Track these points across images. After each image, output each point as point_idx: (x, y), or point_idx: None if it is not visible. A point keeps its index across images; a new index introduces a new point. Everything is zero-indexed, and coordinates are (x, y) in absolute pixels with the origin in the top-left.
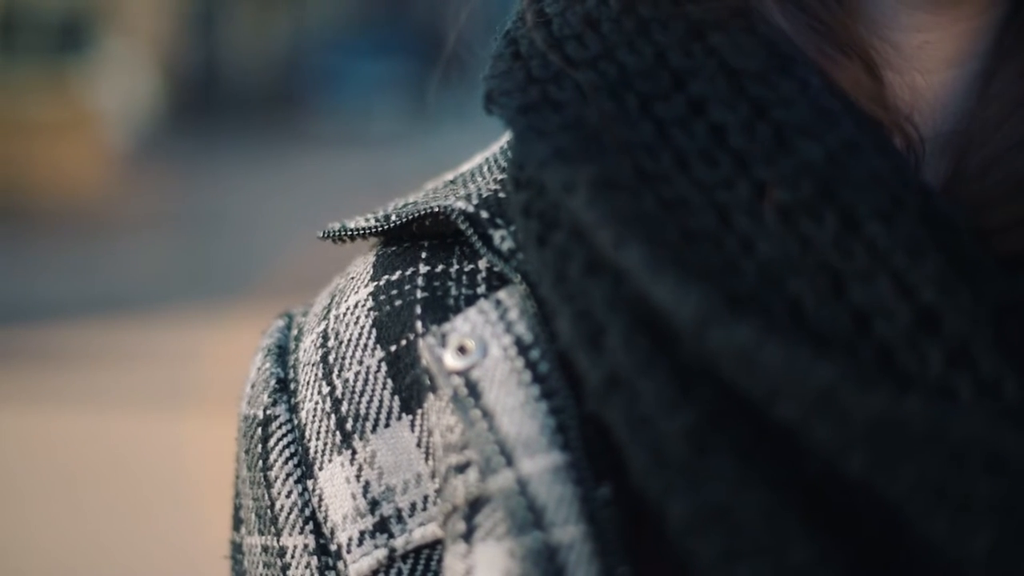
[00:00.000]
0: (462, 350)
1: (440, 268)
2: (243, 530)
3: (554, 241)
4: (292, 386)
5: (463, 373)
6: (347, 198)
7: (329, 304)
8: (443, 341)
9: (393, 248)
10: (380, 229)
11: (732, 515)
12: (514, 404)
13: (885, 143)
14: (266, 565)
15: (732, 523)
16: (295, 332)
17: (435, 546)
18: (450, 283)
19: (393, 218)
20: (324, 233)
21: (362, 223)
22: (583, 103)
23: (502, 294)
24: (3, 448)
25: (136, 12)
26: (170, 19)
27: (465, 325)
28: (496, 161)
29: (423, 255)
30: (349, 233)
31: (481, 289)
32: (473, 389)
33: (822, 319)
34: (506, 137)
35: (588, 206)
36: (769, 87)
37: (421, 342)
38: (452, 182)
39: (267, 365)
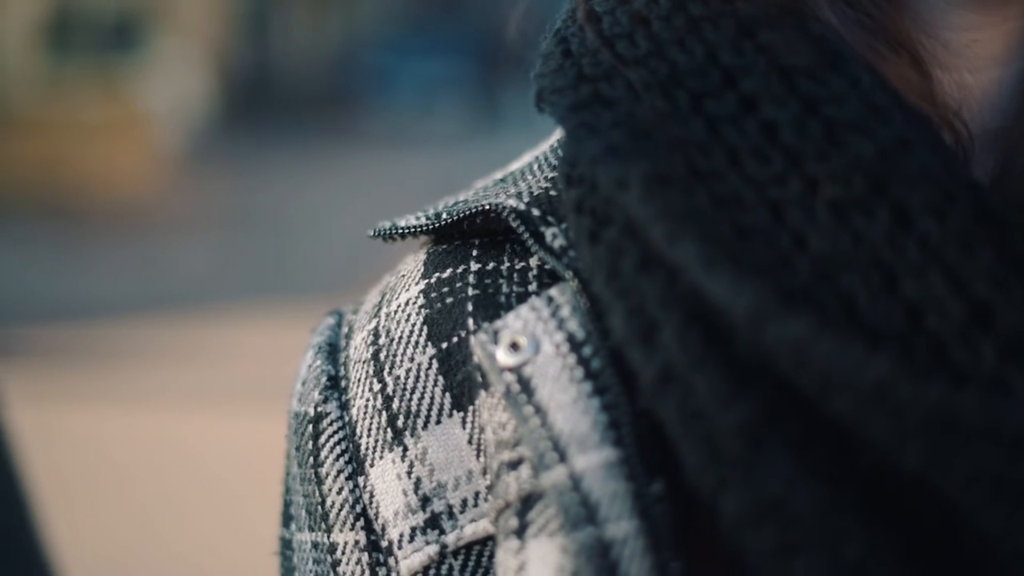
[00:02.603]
0: (514, 347)
1: (491, 266)
2: (293, 526)
3: (607, 237)
4: (343, 383)
5: (515, 370)
6: (400, 198)
7: (380, 302)
8: (495, 338)
9: (444, 246)
10: (431, 227)
11: (787, 509)
12: (567, 400)
13: (936, 139)
14: (316, 561)
15: (787, 517)
16: (346, 330)
17: (486, 542)
18: (501, 280)
19: (444, 216)
20: (375, 231)
21: (412, 221)
22: (634, 100)
23: (554, 291)
24: (57, 447)
25: (189, 12)
26: (223, 19)
27: (517, 322)
28: (546, 159)
29: (474, 253)
30: (400, 231)
31: (532, 287)
32: (526, 386)
33: (875, 314)
34: (556, 135)
35: (641, 202)
36: (820, 84)
37: (473, 339)
38: (502, 180)
39: (318, 362)
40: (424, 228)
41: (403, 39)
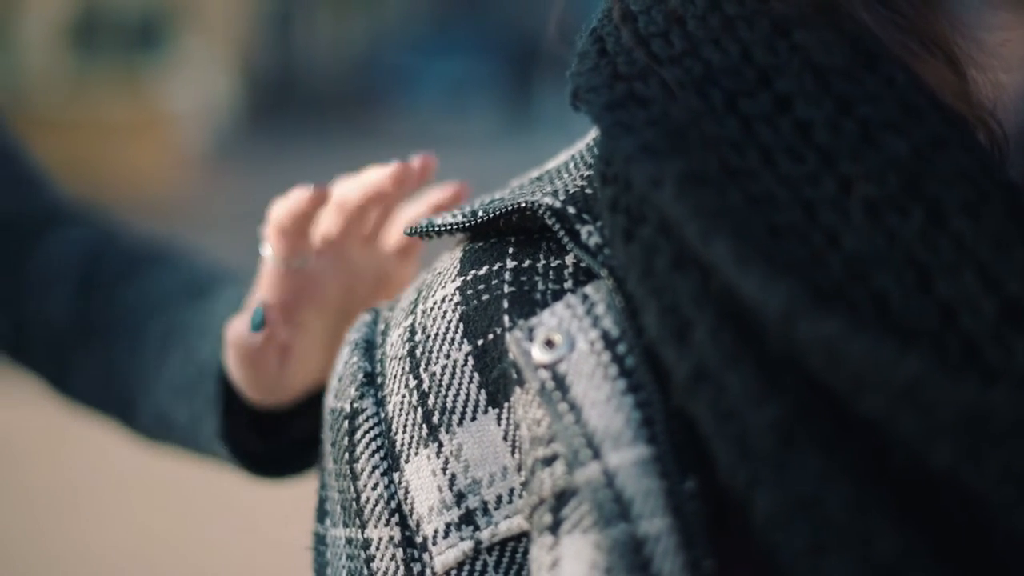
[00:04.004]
0: (549, 344)
1: (527, 263)
2: (327, 522)
3: (641, 236)
4: (379, 380)
5: (550, 367)
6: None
7: (416, 299)
8: (530, 335)
9: (480, 243)
10: (467, 224)
11: (819, 507)
12: (601, 397)
13: (970, 139)
14: (350, 557)
15: (819, 515)
16: (382, 327)
17: (520, 538)
18: (537, 278)
19: (480, 214)
20: (411, 229)
21: (448, 219)
22: (669, 99)
23: (589, 289)
24: (66, 448)
25: (214, 12)
26: (247, 19)
27: (552, 319)
28: (582, 158)
29: (510, 250)
30: (436, 229)
31: (568, 284)
32: (560, 383)
33: (908, 312)
34: (591, 135)
35: (676, 200)
36: (855, 83)
37: (508, 336)
38: (538, 179)
39: (354, 359)
40: (461, 226)
41: (428, 38)
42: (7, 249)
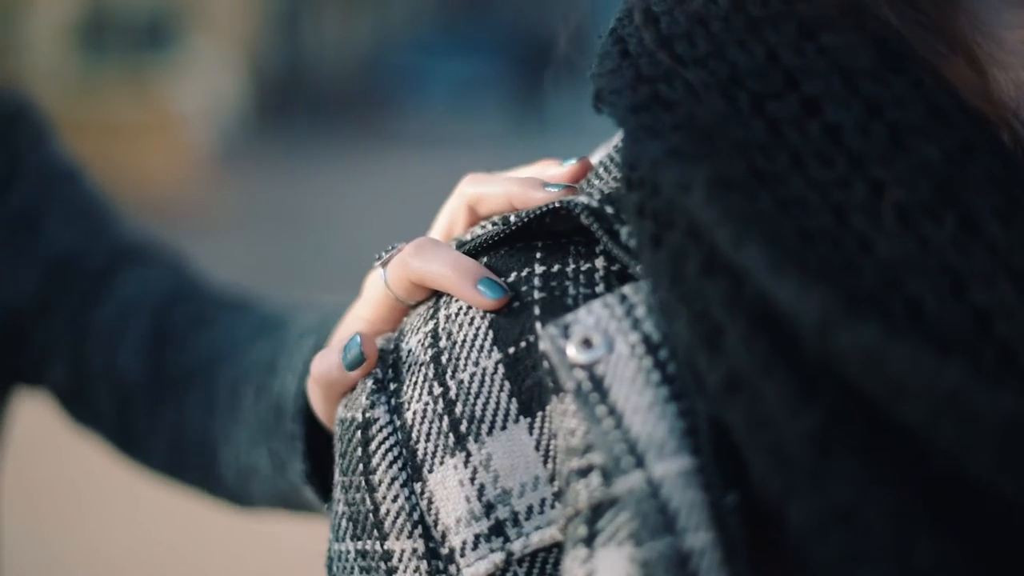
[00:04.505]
0: (586, 343)
1: (556, 267)
2: (330, 536)
3: (669, 241)
4: (392, 386)
5: (587, 367)
6: (434, 198)
7: (436, 303)
8: (566, 332)
9: (504, 249)
10: (502, 235)
11: (856, 517)
12: (643, 404)
13: (997, 142)
14: (364, 570)
15: (857, 525)
16: (395, 333)
17: (551, 550)
18: (567, 282)
19: (512, 219)
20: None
21: (479, 232)
22: (694, 102)
23: (627, 289)
24: (76, 448)
25: (221, 13)
26: (255, 19)
27: (589, 318)
28: (613, 160)
29: (537, 255)
30: (474, 246)
31: (599, 288)
32: (598, 385)
33: (943, 319)
34: (617, 137)
35: (706, 205)
36: (883, 86)
37: (541, 333)
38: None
39: None
40: (496, 237)
41: (435, 39)
42: (70, 291)
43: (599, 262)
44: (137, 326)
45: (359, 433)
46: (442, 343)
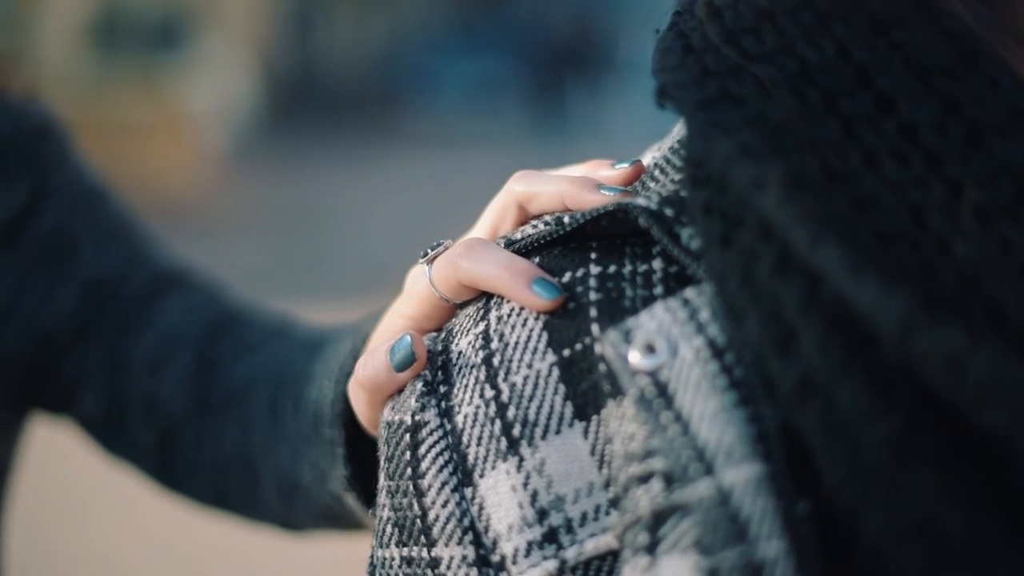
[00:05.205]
0: (649, 349)
1: (612, 269)
2: (372, 542)
3: (739, 241)
4: (442, 389)
5: (650, 373)
6: (447, 198)
7: (486, 304)
8: (628, 337)
9: (558, 249)
10: (556, 236)
11: (936, 526)
12: (711, 410)
13: None
14: None
15: (936, 535)
16: (442, 334)
17: (606, 558)
18: (624, 284)
19: (567, 220)
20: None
21: (530, 231)
22: (764, 98)
23: (690, 293)
24: (95, 452)
25: (234, 13)
26: (267, 19)
27: (651, 322)
28: (669, 161)
29: (593, 256)
30: (526, 245)
31: (658, 290)
32: (662, 391)
33: None
34: (669, 140)
35: (781, 204)
36: (959, 84)
37: (602, 338)
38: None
39: None
40: (549, 237)
41: (448, 39)
42: (109, 317)
43: (656, 264)
44: (182, 356)
45: (407, 437)
46: (494, 345)
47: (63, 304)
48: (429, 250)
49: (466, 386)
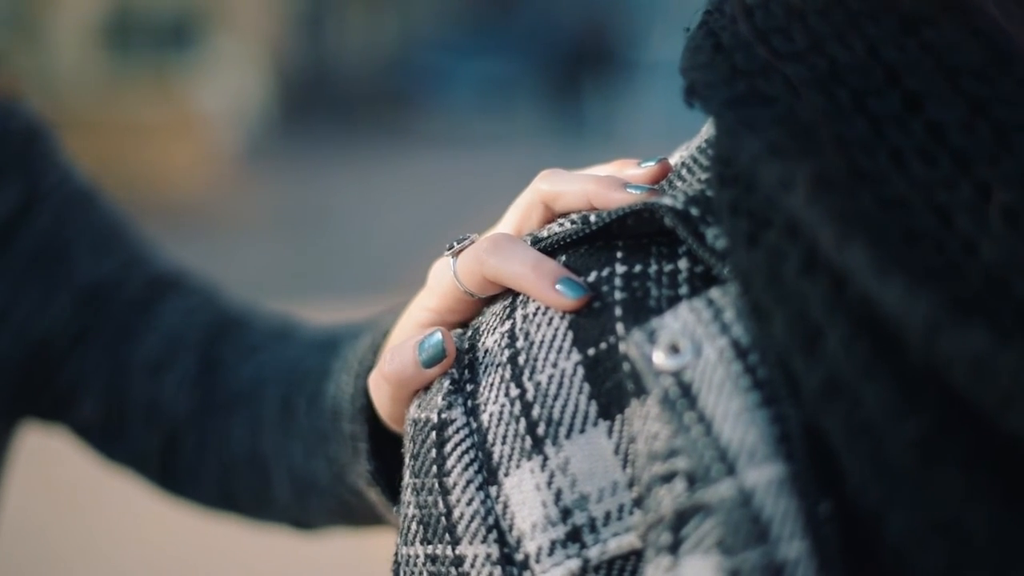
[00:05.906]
0: (673, 349)
1: (638, 268)
2: (397, 540)
3: (766, 240)
4: (468, 387)
5: (674, 374)
6: (459, 197)
7: (512, 302)
8: (652, 338)
9: (583, 248)
10: (582, 234)
11: (960, 529)
12: (733, 410)
13: None
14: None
15: (960, 537)
16: (469, 332)
17: (629, 557)
18: (650, 283)
19: (593, 219)
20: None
21: (556, 229)
22: (793, 97)
23: (714, 293)
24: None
25: (246, 13)
26: (279, 19)
27: (676, 323)
28: (696, 160)
29: (618, 255)
30: (551, 244)
31: (683, 290)
32: (686, 392)
33: None
34: (697, 140)
35: (809, 203)
36: (988, 84)
37: (627, 338)
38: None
39: None
40: (574, 236)
41: (460, 38)
42: (107, 322)
43: (682, 263)
44: (184, 359)
45: (434, 434)
46: (519, 343)
47: (59, 309)
48: (455, 243)
49: (491, 384)
